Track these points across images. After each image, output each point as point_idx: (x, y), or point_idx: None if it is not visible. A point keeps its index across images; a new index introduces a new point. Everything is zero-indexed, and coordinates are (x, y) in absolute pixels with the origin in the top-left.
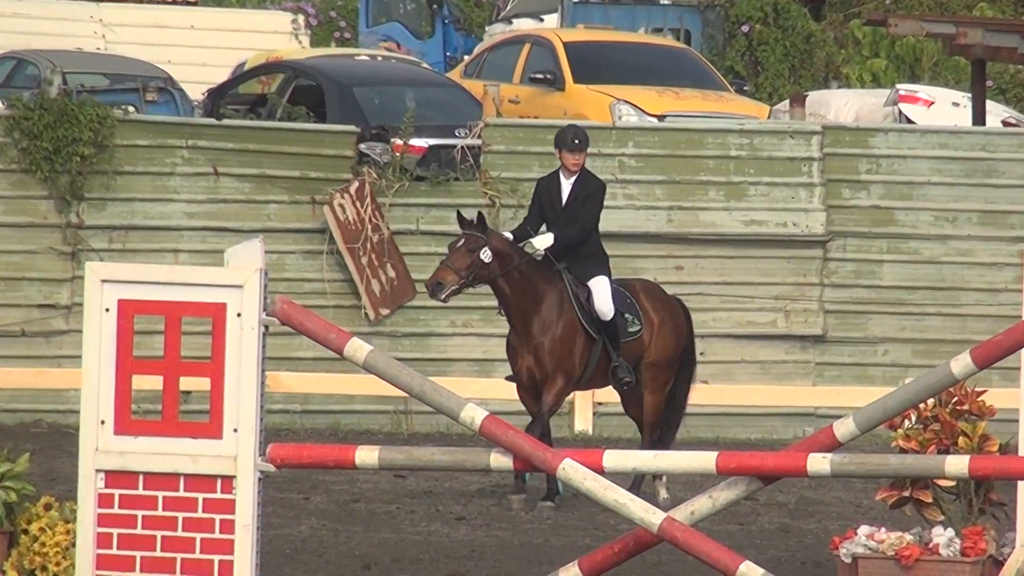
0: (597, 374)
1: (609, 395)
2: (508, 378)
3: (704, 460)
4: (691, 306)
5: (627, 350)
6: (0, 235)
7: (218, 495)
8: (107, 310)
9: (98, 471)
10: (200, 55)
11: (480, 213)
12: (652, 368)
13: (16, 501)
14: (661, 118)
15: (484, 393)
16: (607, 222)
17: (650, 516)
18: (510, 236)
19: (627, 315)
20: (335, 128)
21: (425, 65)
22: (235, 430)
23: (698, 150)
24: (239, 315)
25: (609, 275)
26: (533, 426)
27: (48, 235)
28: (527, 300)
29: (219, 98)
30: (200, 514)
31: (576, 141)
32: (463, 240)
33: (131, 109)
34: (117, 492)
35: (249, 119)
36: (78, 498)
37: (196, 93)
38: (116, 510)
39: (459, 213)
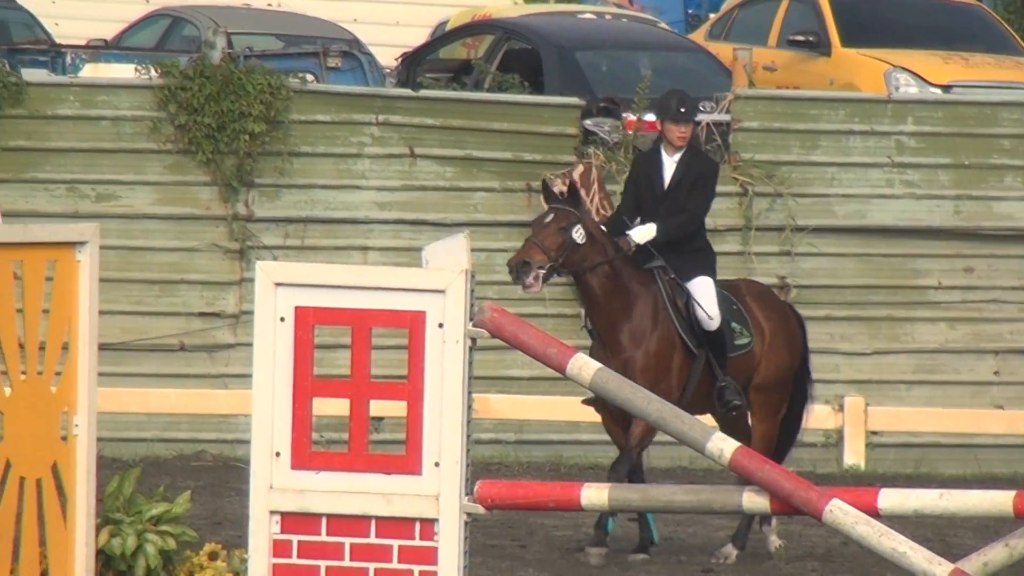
0: (698, 397)
1: (886, 422)
2: (586, 401)
3: (1000, 502)
4: (983, 315)
5: (734, 367)
6: (154, 229)
7: (416, 542)
8: (282, 319)
9: (272, 513)
10: (392, 12)
11: (572, 183)
12: (763, 390)
13: (175, 549)
14: (947, 89)
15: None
16: (881, 213)
17: (935, 568)
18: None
19: (734, 324)
20: (555, 101)
21: (662, 25)
22: (436, 464)
23: (991, 127)
24: (440, 326)
25: (714, 276)
26: (620, 463)
27: (211, 229)
28: (617, 304)
29: (416, 64)
30: (395, 565)
31: (682, 109)
32: (552, 215)
33: (310, 77)
34: (295, 538)
35: (452, 90)
36: (249, 546)
37: (388, 58)
38: (294, 560)
39: (545, 182)
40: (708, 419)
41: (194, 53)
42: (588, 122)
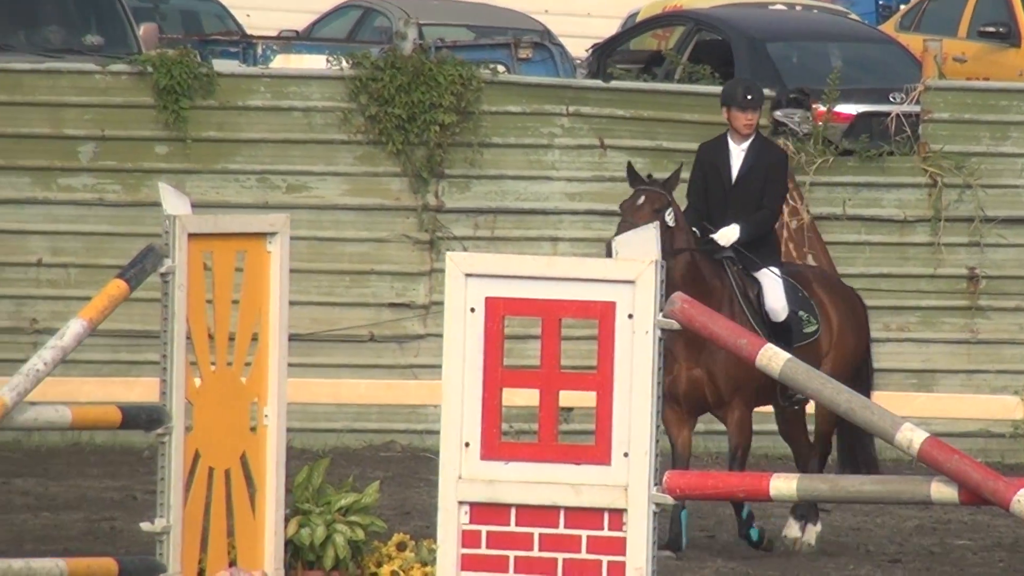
0: (763, 388)
1: None
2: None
3: None
4: None
5: (801, 356)
6: (344, 220)
7: (605, 532)
8: (472, 310)
9: (462, 503)
10: (583, 3)
11: (650, 175)
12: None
13: (363, 540)
14: None
15: (923, 411)
16: None
17: None
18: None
19: (801, 312)
20: None
21: (853, 16)
22: (625, 454)
23: None
24: (630, 316)
25: (780, 264)
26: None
27: (401, 220)
28: (694, 292)
29: (607, 55)
30: (583, 555)
31: (749, 96)
32: (643, 196)
33: (501, 69)
34: (484, 529)
35: (643, 80)
36: (438, 536)
37: (579, 49)
38: (483, 550)
39: (630, 165)
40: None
41: (385, 44)
42: (778, 113)
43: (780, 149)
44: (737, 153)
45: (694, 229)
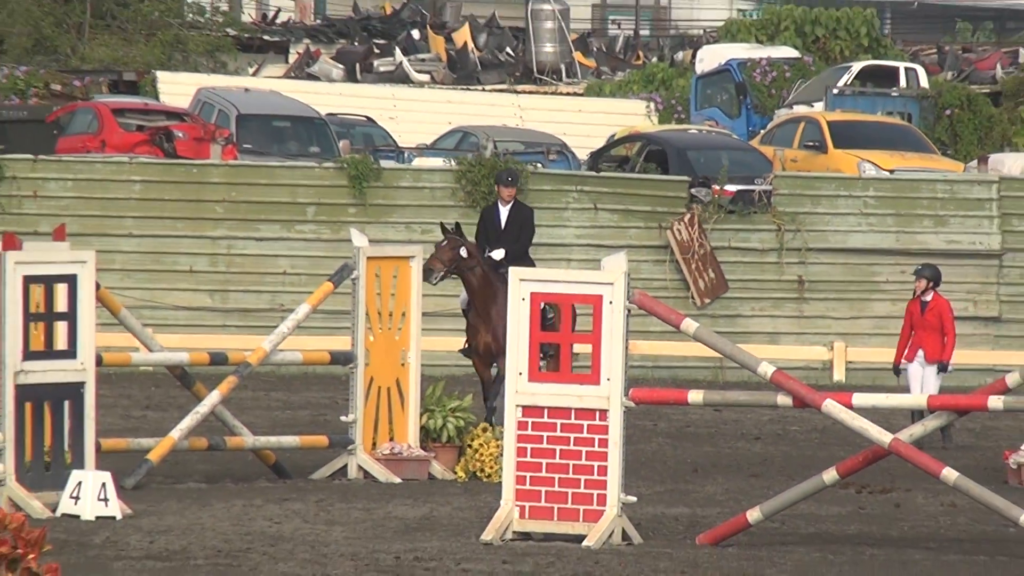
0: None
1: (861, 356)
2: (462, 351)
3: (918, 400)
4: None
5: (549, 329)
6: None
7: (596, 422)
8: (523, 299)
9: (517, 406)
10: (584, 129)
11: (457, 223)
12: None
13: (463, 426)
14: (892, 171)
15: (772, 355)
16: (856, 238)
17: (883, 437)
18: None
19: (546, 307)
20: (675, 178)
21: (734, 136)
22: (608, 379)
23: (917, 193)
24: (611, 303)
25: None
26: (496, 385)
27: None
28: (488, 292)
29: (598, 158)
30: (584, 435)
31: (509, 179)
32: (447, 241)
33: (539, 165)
34: (530, 420)
35: (618, 172)
36: (504, 424)
37: (583, 154)
38: (529, 432)
39: (442, 224)
40: None
41: (475, 152)
42: (693, 190)
43: (528, 208)
44: (504, 211)
45: (487, 254)
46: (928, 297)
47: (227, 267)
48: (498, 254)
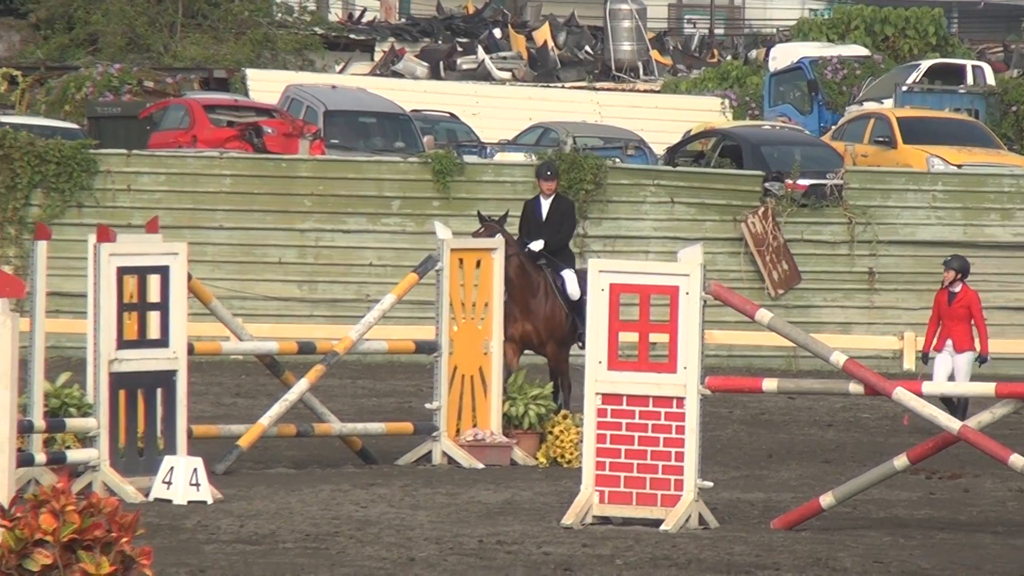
0: (569, 339)
1: None
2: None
3: (986, 388)
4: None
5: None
6: None
7: (674, 409)
8: (602, 290)
9: (597, 394)
10: (662, 125)
11: (504, 213)
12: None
13: (544, 413)
14: (960, 166)
15: (844, 344)
16: (925, 231)
17: (952, 423)
18: None
19: (584, 297)
20: (749, 173)
21: (806, 132)
22: (685, 367)
23: (984, 187)
24: (687, 293)
25: (575, 268)
26: (565, 380)
27: None
28: (524, 281)
29: (674, 153)
30: (662, 421)
31: (548, 172)
32: (484, 229)
33: (617, 160)
34: (609, 408)
35: (694, 167)
36: (584, 411)
37: (659, 150)
38: (609, 419)
39: (479, 213)
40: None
41: (555, 147)
42: (767, 184)
43: (569, 201)
44: (545, 204)
45: (529, 247)
46: (956, 288)
47: (315, 259)
48: (536, 245)
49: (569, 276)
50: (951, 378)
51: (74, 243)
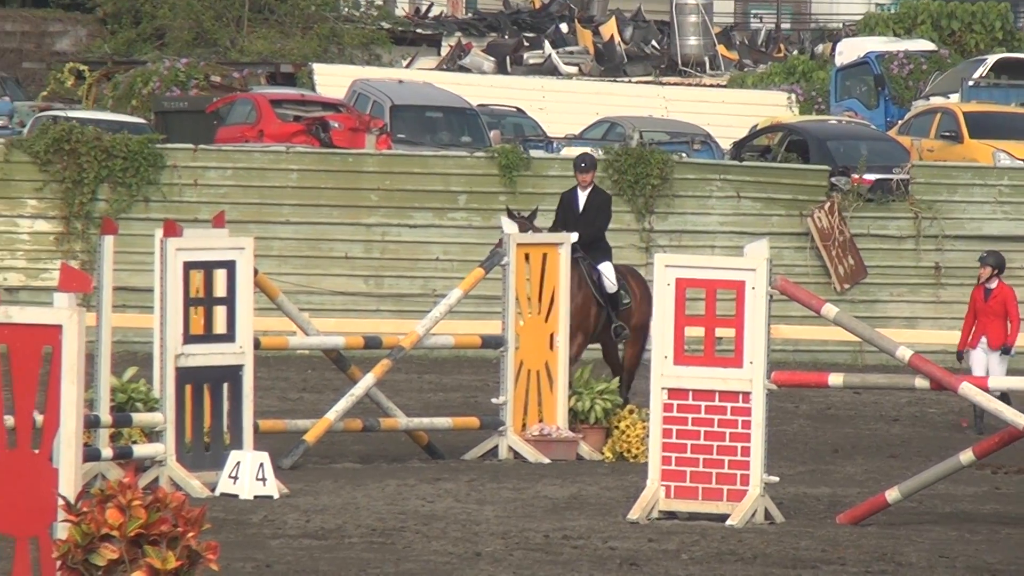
0: (602, 332)
1: None
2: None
3: None
4: None
5: (621, 316)
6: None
7: (740, 404)
8: (668, 285)
9: (663, 389)
10: (728, 119)
11: (534, 209)
12: (636, 329)
13: (610, 407)
14: None
15: (910, 339)
16: (991, 225)
17: (1018, 419)
18: None
19: (621, 291)
20: (816, 168)
21: (872, 126)
22: (751, 362)
23: None
24: (753, 288)
25: (611, 261)
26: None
27: (629, 236)
28: None
29: (741, 148)
30: (728, 416)
31: (583, 164)
32: (516, 225)
33: (683, 155)
34: (675, 402)
35: (761, 162)
36: (650, 406)
37: (726, 144)
38: (675, 413)
39: (508, 209)
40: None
41: (622, 141)
42: (833, 179)
43: (605, 193)
44: (582, 196)
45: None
46: (992, 284)
47: (381, 253)
48: (571, 237)
49: (605, 270)
50: None
51: (141, 238)
